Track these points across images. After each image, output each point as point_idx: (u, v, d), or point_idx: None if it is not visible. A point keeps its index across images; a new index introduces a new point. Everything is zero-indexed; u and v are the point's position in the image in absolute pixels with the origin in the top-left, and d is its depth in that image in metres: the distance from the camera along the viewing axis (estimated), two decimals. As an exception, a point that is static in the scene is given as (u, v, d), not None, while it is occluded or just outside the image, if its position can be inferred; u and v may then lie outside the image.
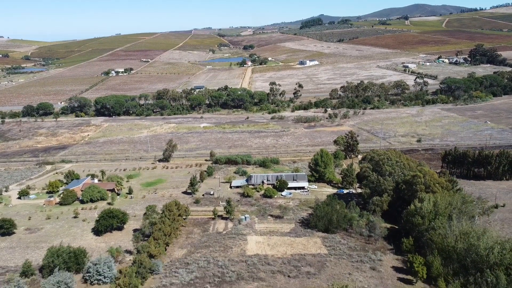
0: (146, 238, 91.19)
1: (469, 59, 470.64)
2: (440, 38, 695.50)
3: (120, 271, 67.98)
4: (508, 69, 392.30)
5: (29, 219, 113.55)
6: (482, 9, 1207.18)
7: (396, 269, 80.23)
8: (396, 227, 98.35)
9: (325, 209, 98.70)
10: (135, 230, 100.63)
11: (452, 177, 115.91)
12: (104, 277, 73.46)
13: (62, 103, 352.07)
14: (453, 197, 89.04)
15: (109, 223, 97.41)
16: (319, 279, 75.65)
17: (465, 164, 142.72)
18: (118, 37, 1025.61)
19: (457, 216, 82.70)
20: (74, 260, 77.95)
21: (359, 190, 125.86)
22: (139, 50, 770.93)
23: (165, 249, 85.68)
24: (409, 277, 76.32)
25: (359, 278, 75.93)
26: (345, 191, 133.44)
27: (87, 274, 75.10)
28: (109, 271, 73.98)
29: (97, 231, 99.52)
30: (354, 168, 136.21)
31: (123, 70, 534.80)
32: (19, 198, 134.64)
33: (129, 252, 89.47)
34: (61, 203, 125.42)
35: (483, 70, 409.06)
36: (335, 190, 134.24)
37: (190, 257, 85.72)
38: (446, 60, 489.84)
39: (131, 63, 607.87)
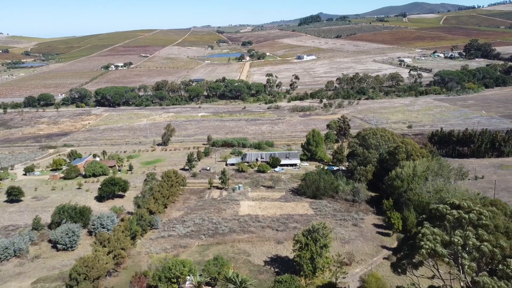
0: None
1: (464, 54, 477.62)
2: (437, 34, 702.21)
3: (122, 219, 74.48)
4: (501, 62, 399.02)
5: (35, 190, 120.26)
6: (480, 6, 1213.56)
7: (376, 225, 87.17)
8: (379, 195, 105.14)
9: (313, 177, 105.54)
10: (136, 198, 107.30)
11: (436, 153, 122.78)
12: (108, 230, 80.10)
13: (63, 95, 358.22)
14: (431, 162, 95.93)
15: (111, 189, 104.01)
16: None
17: (450, 143, 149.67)
18: (117, 33, 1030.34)
19: (433, 178, 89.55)
20: (79, 215, 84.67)
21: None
22: (138, 46, 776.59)
23: (164, 209, 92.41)
24: (387, 231, 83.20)
25: (341, 231, 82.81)
26: (335, 168, 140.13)
27: (92, 227, 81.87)
28: (112, 224, 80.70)
29: (100, 198, 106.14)
30: (344, 147, 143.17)
31: (122, 64, 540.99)
32: (25, 174, 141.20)
33: (130, 213, 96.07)
34: (65, 177, 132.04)
35: (477, 64, 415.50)
36: (325, 167, 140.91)
37: (187, 217, 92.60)
38: (442, 55, 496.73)
39: (130, 58, 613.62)
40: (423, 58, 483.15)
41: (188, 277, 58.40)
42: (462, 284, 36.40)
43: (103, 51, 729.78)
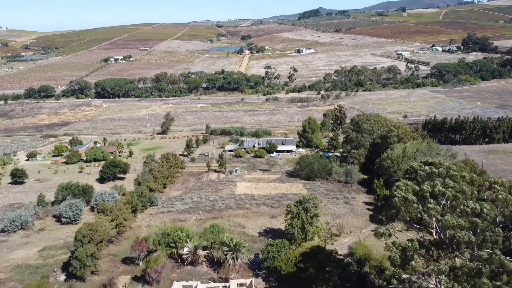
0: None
1: (462, 47, 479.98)
2: (435, 28, 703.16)
3: (123, 194, 78.09)
4: (498, 55, 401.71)
5: (38, 173, 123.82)
6: (479, 1, 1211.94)
7: (367, 203, 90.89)
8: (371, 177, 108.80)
9: (308, 159, 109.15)
10: (136, 179, 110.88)
11: (427, 136, 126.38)
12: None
13: (63, 87, 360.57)
14: (420, 144, 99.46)
15: (112, 171, 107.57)
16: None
17: (443, 131, 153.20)
18: (116, 28, 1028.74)
19: (421, 159, 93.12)
20: (82, 192, 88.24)
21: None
22: (137, 40, 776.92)
23: (163, 189, 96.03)
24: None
25: (332, 208, 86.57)
26: (330, 154, 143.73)
27: (94, 203, 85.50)
28: (113, 200, 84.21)
29: (101, 179, 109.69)
30: (339, 134, 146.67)
31: (122, 57, 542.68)
32: (27, 160, 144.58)
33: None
34: (66, 162, 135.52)
35: (475, 57, 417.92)
36: (320, 153, 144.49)
37: (185, 196, 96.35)
38: (440, 48, 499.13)
39: (129, 51, 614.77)
40: (421, 51, 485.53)
41: (186, 244, 62.09)
42: (434, 235, 39.99)
43: (103, 45, 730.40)
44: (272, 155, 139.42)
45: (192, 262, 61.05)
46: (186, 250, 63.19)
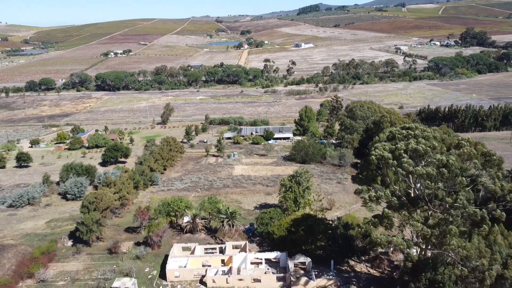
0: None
1: (460, 42, 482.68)
2: (434, 23, 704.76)
3: (126, 171, 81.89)
4: (495, 49, 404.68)
5: (42, 158, 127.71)
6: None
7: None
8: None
9: (303, 144, 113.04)
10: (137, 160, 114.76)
11: (417, 120, 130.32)
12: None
13: (63, 80, 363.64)
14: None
15: (113, 154, 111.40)
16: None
17: (437, 119, 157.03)
18: (116, 22, 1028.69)
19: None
20: (86, 172, 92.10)
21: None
22: (137, 34, 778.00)
23: (163, 170, 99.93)
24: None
25: (325, 187, 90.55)
26: (325, 141, 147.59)
27: (98, 182, 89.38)
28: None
29: (104, 163, 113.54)
30: (335, 122, 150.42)
31: (121, 51, 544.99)
32: (31, 146, 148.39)
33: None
34: (69, 148, 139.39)
35: (472, 51, 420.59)
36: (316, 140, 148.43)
37: (185, 177, 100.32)
38: (438, 43, 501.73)
39: (129, 46, 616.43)
40: (419, 46, 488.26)
41: (185, 214, 66.04)
42: (412, 193, 43.89)
43: (102, 39, 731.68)
44: (269, 142, 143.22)
45: (191, 230, 65.05)
46: (185, 219, 67.14)
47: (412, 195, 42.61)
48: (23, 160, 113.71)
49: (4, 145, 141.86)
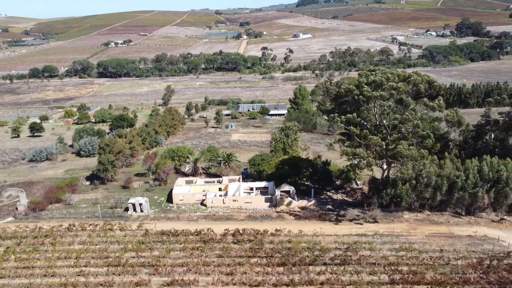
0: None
1: (455, 32, 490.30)
2: (432, 15, 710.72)
3: (131, 130, 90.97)
4: (489, 39, 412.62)
5: (53, 129, 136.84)
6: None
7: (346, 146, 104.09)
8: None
9: (295, 114, 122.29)
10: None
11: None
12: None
13: (66, 68, 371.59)
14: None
15: (120, 124, 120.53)
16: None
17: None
18: (116, 14, 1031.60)
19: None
20: (97, 134, 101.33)
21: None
22: (137, 26, 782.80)
23: (167, 135, 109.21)
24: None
25: (314, 148, 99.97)
26: (317, 116, 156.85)
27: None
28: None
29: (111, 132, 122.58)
30: (327, 100, 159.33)
31: (122, 42, 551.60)
32: (40, 122, 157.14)
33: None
34: (77, 123, 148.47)
35: (467, 41, 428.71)
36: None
37: (186, 141, 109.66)
38: (434, 33, 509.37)
39: (129, 36, 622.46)
40: (416, 36, 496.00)
41: (187, 161, 75.44)
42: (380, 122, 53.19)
43: (103, 30, 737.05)
44: (265, 117, 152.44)
45: (193, 173, 74.33)
46: (188, 167, 76.44)
47: (377, 123, 51.96)
48: (36, 130, 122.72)
49: (16, 120, 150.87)
